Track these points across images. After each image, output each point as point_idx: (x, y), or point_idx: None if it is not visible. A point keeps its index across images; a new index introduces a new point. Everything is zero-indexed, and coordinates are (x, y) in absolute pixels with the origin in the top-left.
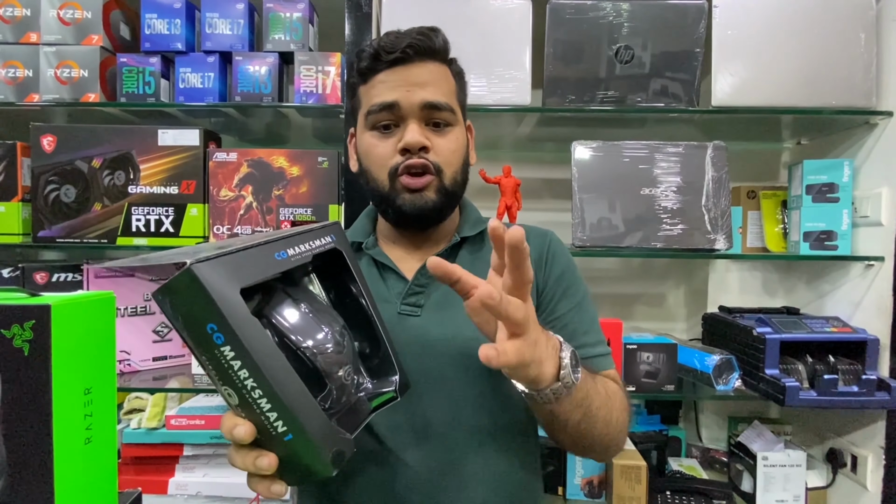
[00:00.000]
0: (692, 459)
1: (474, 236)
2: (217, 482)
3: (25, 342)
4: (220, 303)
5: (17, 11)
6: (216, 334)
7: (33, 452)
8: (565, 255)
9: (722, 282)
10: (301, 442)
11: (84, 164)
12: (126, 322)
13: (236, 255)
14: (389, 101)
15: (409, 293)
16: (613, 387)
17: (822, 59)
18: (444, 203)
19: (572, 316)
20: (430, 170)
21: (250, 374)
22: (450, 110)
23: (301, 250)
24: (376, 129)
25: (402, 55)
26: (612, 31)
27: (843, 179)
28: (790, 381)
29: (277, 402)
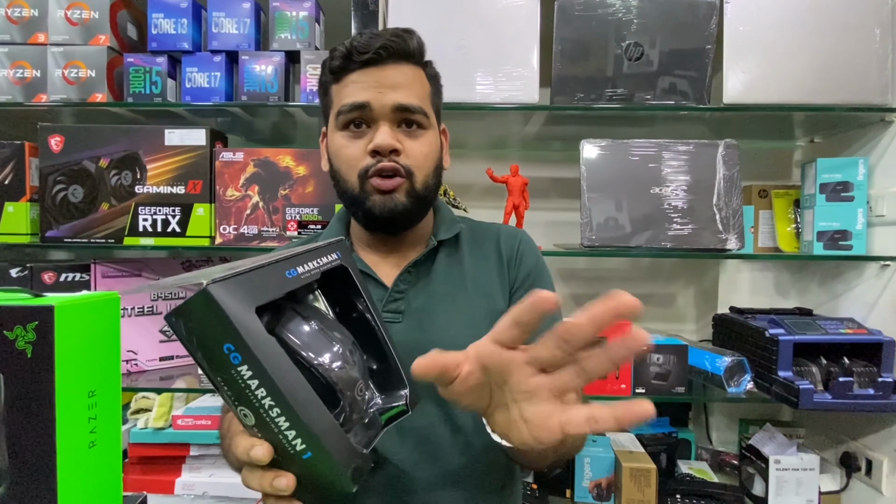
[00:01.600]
0: (702, 462)
1: (450, 239)
2: (224, 482)
3: (28, 344)
4: (237, 323)
5: (25, 12)
6: (233, 354)
7: (36, 456)
8: (534, 254)
9: (733, 282)
10: (321, 460)
11: (91, 164)
12: (133, 322)
13: (249, 274)
14: (360, 101)
15: (390, 300)
16: None
17: (836, 54)
18: (414, 206)
19: None
20: (401, 172)
21: (268, 393)
22: (422, 113)
23: (310, 268)
24: (347, 130)
25: (375, 56)
26: (621, 28)
27: (858, 178)
28: (804, 383)
29: (296, 421)
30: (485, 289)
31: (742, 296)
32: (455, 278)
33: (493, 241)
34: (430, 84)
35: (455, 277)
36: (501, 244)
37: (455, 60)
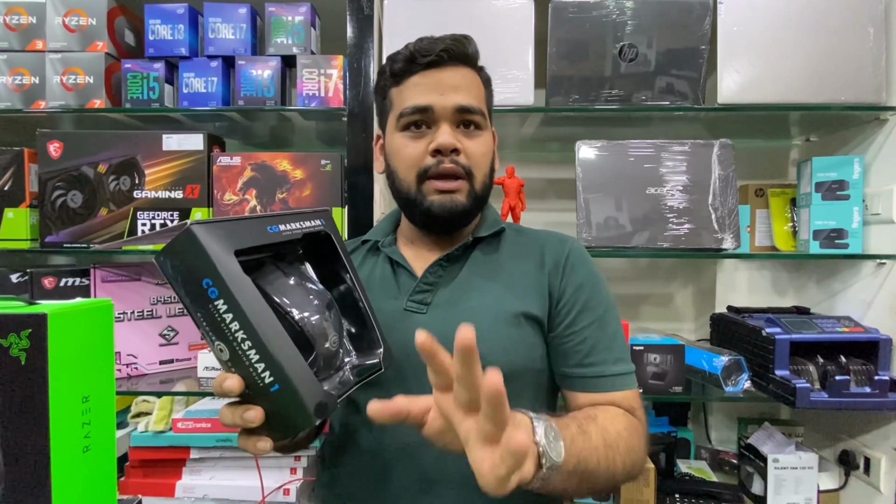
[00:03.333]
0: (701, 461)
1: (489, 237)
2: (224, 485)
3: (22, 351)
4: (215, 259)
5: (23, 19)
6: (211, 289)
7: (30, 462)
8: (587, 264)
9: (730, 281)
10: (286, 391)
11: (90, 170)
12: (133, 326)
13: (232, 222)
14: (423, 104)
15: (416, 290)
16: (618, 426)
17: (831, 54)
18: (472, 207)
19: (592, 331)
20: (461, 174)
21: (241, 326)
22: (481, 114)
23: (292, 227)
24: (407, 131)
25: (437, 58)
26: (616, 29)
27: (854, 176)
28: (801, 382)
29: (265, 353)
30: (519, 290)
31: (740, 295)
32: (488, 274)
33: (538, 245)
34: (484, 87)
35: (488, 273)
36: (546, 249)
37: None
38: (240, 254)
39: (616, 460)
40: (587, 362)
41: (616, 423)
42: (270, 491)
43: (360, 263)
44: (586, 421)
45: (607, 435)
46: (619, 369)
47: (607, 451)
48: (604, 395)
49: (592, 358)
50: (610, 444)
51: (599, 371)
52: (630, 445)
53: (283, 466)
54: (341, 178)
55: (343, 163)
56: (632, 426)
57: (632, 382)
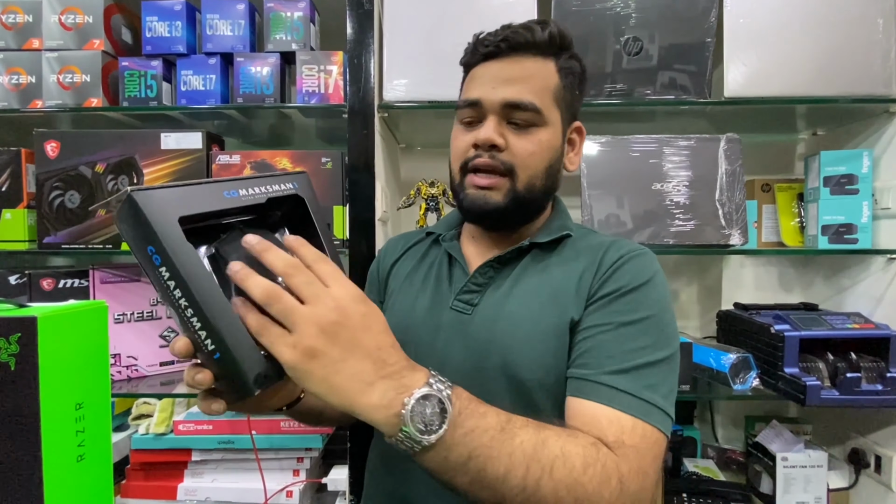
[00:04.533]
0: (708, 460)
1: (548, 243)
2: (226, 487)
3: (11, 356)
4: (156, 228)
5: (19, 18)
6: (154, 256)
7: (21, 472)
8: (639, 272)
9: (736, 278)
10: (227, 361)
11: (88, 170)
12: (132, 327)
13: (181, 188)
14: (473, 98)
15: (464, 290)
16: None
17: (839, 46)
18: (512, 206)
19: (599, 331)
20: (499, 170)
21: (182, 294)
22: (534, 110)
23: (255, 192)
24: (462, 123)
25: (495, 49)
26: (620, 22)
27: (863, 170)
28: (811, 379)
29: (206, 322)
30: (563, 298)
31: (746, 291)
32: (535, 282)
33: (597, 251)
34: (559, 77)
35: (535, 281)
36: (601, 255)
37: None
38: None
39: (542, 484)
40: (578, 362)
41: (568, 445)
42: (273, 493)
43: (422, 253)
44: (527, 424)
45: (542, 449)
46: (614, 381)
47: (529, 467)
48: (585, 404)
49: (585, 359)
50: (540, 459)
51: (584, 374)
52: (576, 479)
53: (286, 468)
54: (342, 176)
55: (344, 161)
56: (591, 458)
57: (636, 409)
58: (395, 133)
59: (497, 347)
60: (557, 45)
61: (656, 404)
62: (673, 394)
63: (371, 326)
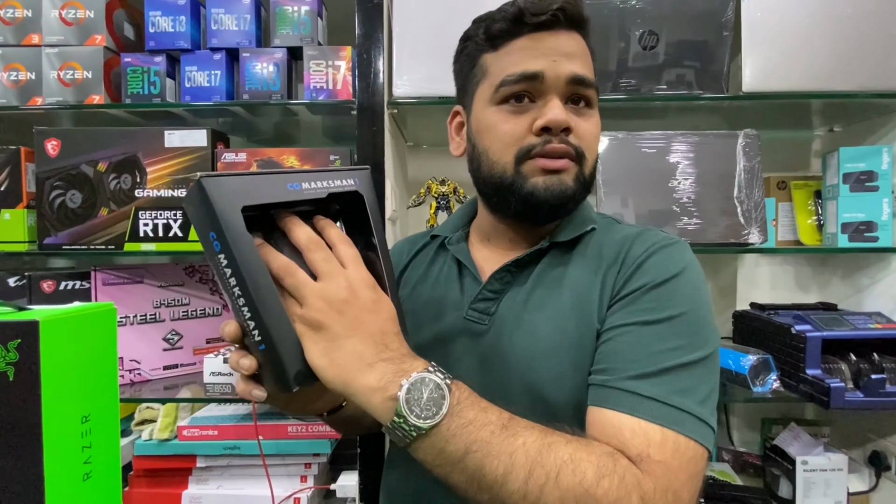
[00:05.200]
0: (724, 463)
1: (569, 241)
2: (232, 494)
3: (10, 365)
4: (220, 215)
5: (18, 12)
6: (215, 242)
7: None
8: (667, 265)
9: (752, 277)
10: (271, 354)
11: (89, 169)
12: (135, 330)
13: (249, 177)
14: (533, 70)
15: (479, 298)
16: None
17: (857, 40)
18: (581, 194)
19: (620, 333)
20: (571, 155)
21: (237, 283)
22: (595, 88)
23: (317, 186)
24: (506, 104)
25: (551, 18)
26: (634, 16)
27: (883, 167)
28: (835, 381)
29: (255, 313)
30: (581, 298)
31: (762, 291)
32: (554, 285)
33: (620, 247)
34: (592, 61)
35: (554, 284)
36: (626, 249)
37: None
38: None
39: (546, 491)
40: (599, 368)
41: (580, 452)
42: (281, 500)
43: (429, 260)
44: (533, 426)
45: (547, 452)
46: (636, 387)
47: (532, 470)
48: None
49: (606, 363)
50: (544, 463)
51: (604, 380)
52: (586, 490)
53: (293, 475)
54: None
55: (352, 158)
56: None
57: (664, 418)
58: (403, 130)
59: (517, 363)
60: (588, 25)
61: (690, 411)
62: (713, 399)
63: (379, 311)
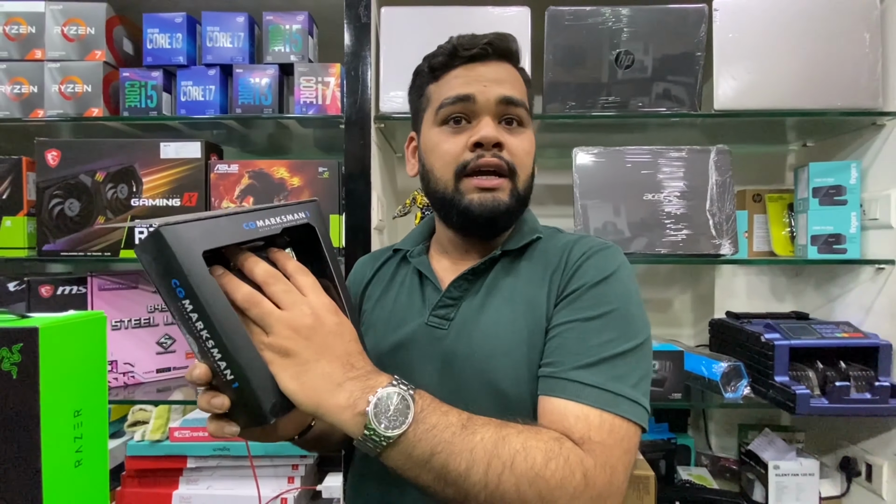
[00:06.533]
0: (702, 468)
1: (518, 249)
2: (221, 494)
3: (13, 365)
4: (182, 262)
5: (23, 29)
6: (178, 289)
7: (21, 477)
8: (603, 266)
9: (729, 287)
10: (245, 390)
11: (88, 178)
12: (130, 334)
13: (205, 221)
14: (465, 93)
15: (439, 306)
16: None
17: (827, 59)
18: (515, 208)
19: (564, 329)
20: (504, 170)
21: (205, 326)
22: (525, 108)
23: (271, 223)
24: (445, 125)
25: (481, 51)
26: (612, 36)
27: (851, 181)
28: (801, 388)
29: (226, 354)
30: (534, 304)
31: (738, 300)
32: (506, 290)
33: (561, 253)
34: (525, 87)
35: (507, 290)
36: (567, 252)
37: None
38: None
39: (504, 478)
40: (545, 361)
41: (530, 440)
42: (268, 500)
43: (391, 273)
44: (488, 422)
45: (502, 444)
46: (579, 376)
47: (490, 463)
48: (552, 401)
49: (552, 357)
50: (500, 455)
51: (552, 371)
52: (537, 473)
53: (281, 476)
54: (338, 186)
55: (340, 170)
56: (553, 453)
57: (603, 402)
58: (392, 143)
59: (477, 361)
60: (520, 58)
61: (624, 395)
62: (645, 382)
63: (343, 334)
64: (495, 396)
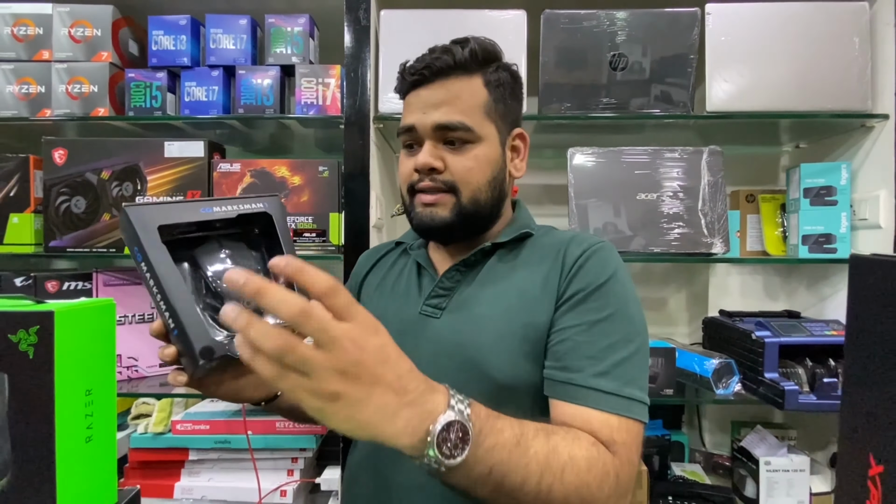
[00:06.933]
0: (695, 464)
1: (510, 242)
2: (222, 486)
3: (30, 346)
4: (139, 231)
5: (31, 30)
6: (138, 254)
7: (37, 450)
8: (605, 269)
9: (723, 286)
10: (181, 335)
11: (94, 176)
12: (133, 329)
13: (164, 204)
14: (408, 124)
15: (433, 295)
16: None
17: (817, 63)
18: (459, 221)
19: (576, 333)
20: (443, 189)
21: (154, 283)
22: (464, 129)
23: (227, 209)
24: (406, 148)
25: (420, 77)
26: (607, 39)
27: (841, 182)
28: (789, 384)
29: (168, 304)
30: (529, 298)
31: (732, 299)
32: (499, 283)
33: (559, 248)
34: (487, 91)
35: (500, 282)
36: (564, 251)
37: None
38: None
39: (554, 489)
40: (559, 365)
41: (574, 449)
42: (268, 492)
43: (392, 264)
44: (537, 433)
45: (553, 457)
46: (598, 384)
47: (543, 475)
48: (577, 408)
49: (566, 362)
50: (552, 467)
51: (570, 378)
52: (584, 481)
53: (280, 469)
54: (338, 184)
55: (340, 169)
56: (597, 459)
57: (620, 407)
58: (391, 143)
59: (467, 349)
60: (480, 60)
61: (635, 398)
62: (646, 378)
63: (388, 357)
64: (486, 384)
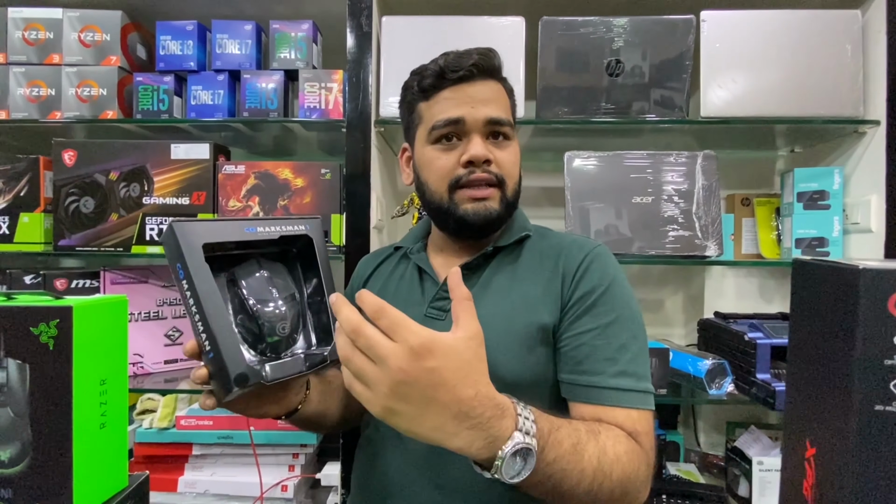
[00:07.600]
0: (690, 464)
1: (511, 245)
2: (224, 481)
3: (51, 338)
4: (184, 248)
5: (41, 34)
6: (180, 271)
7: (55, 434)
8: (606, 271)
9: (719, 288)
10: (216, 359)
11: (102, 177)
12: (139, 326)
13: (212, 222)
14: (455, 116)
15: (437, 297)
16: (618, 449)
17: (810, 70)
18: (505, 213)
19: (591, 337)
20: (494, 182)
21: (194, 302)
22: (509, 125)
23: (270, 230)
24: (438, 143)
25: (467, 73)
26: (603, 45)
27: (834, 187)
28: (781, 385)
29: (206, 325)
30: (532, 300)
31: (727, 301)
32: (503, 285)
33: (557, 252)
34: (508, 98)
35: (504, 284)
36: (564, 255)
37: None
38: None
39: (603, 485)
40: (580, 369)
41: (617, 446)
42: (269, 487)
43: (392, 269)
44: (588, 437)
45: (604, 458)
46: (619, 383)
47: (595, 475)
48: (601, 408)
49: (586, 366)
50: (603, 468)
51: (593, 381)
52: (626, 473)
53: (282, 464)
54: (340, 186)
55: (342, 171)
56: (633, 452)
57: (638, 401)
58: (391, 146)
59: None
60: (502, 70)
61: (648, 391)
62: (649, 369)
63: (444, 381)
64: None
